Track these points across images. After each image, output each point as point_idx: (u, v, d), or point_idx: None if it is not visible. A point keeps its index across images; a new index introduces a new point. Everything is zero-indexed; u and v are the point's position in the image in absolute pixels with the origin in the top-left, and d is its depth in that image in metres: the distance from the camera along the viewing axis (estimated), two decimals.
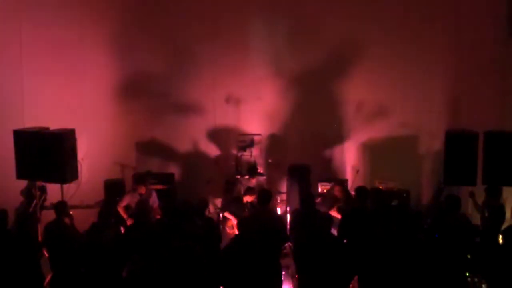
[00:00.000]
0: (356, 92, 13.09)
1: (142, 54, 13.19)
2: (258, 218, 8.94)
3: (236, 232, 8.60)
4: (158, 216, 10.48)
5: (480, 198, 10.30)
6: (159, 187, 11.82)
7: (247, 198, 10.90)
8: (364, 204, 9.51)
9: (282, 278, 8.92)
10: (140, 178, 11.14)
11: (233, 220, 10.60)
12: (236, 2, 13.13)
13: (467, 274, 8.53)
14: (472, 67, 12.68)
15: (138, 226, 8.91)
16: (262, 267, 7.69)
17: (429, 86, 12.97)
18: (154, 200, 11.14)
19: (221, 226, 10.69)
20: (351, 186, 12.02)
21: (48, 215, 10.43)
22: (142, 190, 10.88)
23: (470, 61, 12.70)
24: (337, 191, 11.11)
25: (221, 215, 11.05)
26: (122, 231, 9.69)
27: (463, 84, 12.86)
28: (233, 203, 10.95)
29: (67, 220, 9.15)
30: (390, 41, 12.84)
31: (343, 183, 11.88)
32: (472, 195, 10.29)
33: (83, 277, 7.67)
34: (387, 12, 12.85)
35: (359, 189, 9.81)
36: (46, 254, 8.84)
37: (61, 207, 9.25)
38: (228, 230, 10.50)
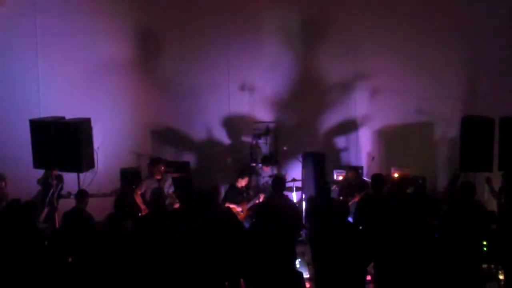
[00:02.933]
0: (371, 79, 13.04)
1: (156, 43, 13.20)
2: (273, 205, 8.91)
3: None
4: (175, 204, 10.52)
5: (497, 184, 10.25)
6: (174, 175, 11.80)
7: (240, 183, 10.92)
8: (380, 191, 9.49)
9: (298, 266, 8.99)
10: (155, 160, 11.14)
11: (236, 208, 10.65)
12: None
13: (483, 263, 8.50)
14: (487, 53, 12.65)
15: (153, 216, 8.92)
16: (278, 254, 7.69)
17: (444, 73, 12.91)
18: (169, 186, 11.14)
19: None
20: (366, 173, 12.01)
21: (65, 204, 10.58)
22: (159, 175, 10.89)
23: (485, 47, 12.67)
24: (351, 177, 11.12)
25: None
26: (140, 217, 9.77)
27: (478, 70, 12.87)
28: (229, 191, 11.01)
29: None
30: (405, 27, 12.82)
31: (356, 169, 11.87)
32: (488, 180, 10.25)
33: (100, 265, 7.68)
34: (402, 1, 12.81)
35: (375, 176, 9.79)
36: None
37: (80, 195, 9.32)
38: None
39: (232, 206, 10.70)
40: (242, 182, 11.10)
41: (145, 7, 13.07)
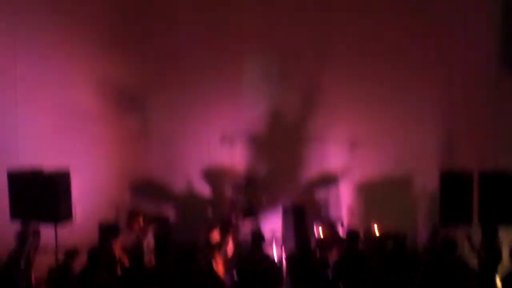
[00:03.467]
0: (350, 130, 13.05)
1: (135, 94, 13.22)
2: (251, 261, 8.87)
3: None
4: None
5: (478, 239, 10.25)
6: (153, 229, 11.61)
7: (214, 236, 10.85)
8: (356, 247, 9.46)
9: None
10: (134, 214, 11.05)
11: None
12: (231, 42, 13.14)
13: None
14: (465, 103, 12.71)
15: (133, 269, 8.82)
16: None
17: (422, 126, 12.94)
18: (150, 240, 10.98)
19: None
20: (346, 227, 11.95)
21: (41, 259, 10.39)
22: (137, 226, 10.78)
23: (463, 97, 12.72)
24: (325, 234, 11.09)
25: None
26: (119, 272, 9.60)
27: (456, 123, 12.88)
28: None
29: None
30: (382, 79, 12.89)
31: (331, 226, 11.80)
32: (469, 238, 10.23)
33: None
34: (378, 51, 12.86)
35: (350, 233, 9.79)
36: None
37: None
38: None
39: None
40: (215, 235, 10.97)
41: (123, 58, 13.06)
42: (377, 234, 11.30)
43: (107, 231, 11.58)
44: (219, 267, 10.70)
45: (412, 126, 12.97)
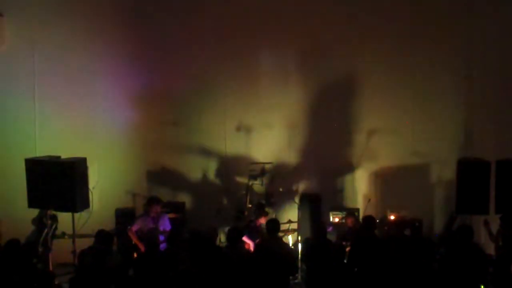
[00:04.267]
0: (367, 120, 13.07)
1: (153, 83, 13.21)
2: (267, 248, 8.87)
3: None
4: None
5: (495, 227, 10.19)
6: (170, 215, 11.70)
7: (261, 221, 10.85)
8: (372, 233, 9.45)
9: None
10: (152, 200, 11.11)
11: (250, 244, 10.55)
12: (247, 32, 13.11)
13: None
14: (484, 95, 12.68)
15: (148, 254, 8.87)
16: None
17: (440, 114, 12.92)
18: (166, 224, 11.06)
19: None
20: (362, 215, 11.91)
21: (59, 244, 10.47)
22: (154, 212, 10.84)
23: (481, 87, 12.71)
24: (349, 222, 11.13)
25: None
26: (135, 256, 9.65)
27: (474, 112, 12.83)
28: (247, 227, 10.94)
29: None
30: (400, 69, 12.86)
31: (354, 213, 11.81)
32: (486, 224, 10.17)
33: None
34: (397, 40, 12.82)
35: (366, 218, 9.78)
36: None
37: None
38: None
39: (247, 241, 10.62)
40: (262, 221, 10.99)
41: (143, 43, 13.09)
42: (393, 221, 11.25)
43: (124, 216, 11.77)
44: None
45: (430, 115, 12.94)
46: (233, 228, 9.44)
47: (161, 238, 10.25)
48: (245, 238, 10.56)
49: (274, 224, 9.40)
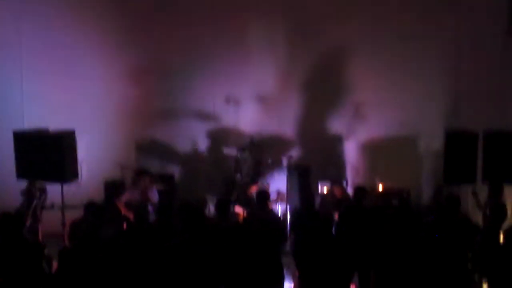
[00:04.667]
0: (356, 91, 13.10)
1: (141, 54, 13.15)
2: (257, 218, 8.88)
3: None
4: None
5: (482, 196, 10.24)
6: (159, 187, 11.61)
7: (251, 191, 10.85)
8: (361, 203, 9.47)
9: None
10: (141, 172, 11.08)
11: (243, 213, 10.58)
12: (236, 3, 13.09)
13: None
14: (472, 66, 12.67)
15: (138, 225, 8.84)
16: (264, 267, 7.63)
17: (428, 85, 12.95)
18: (154, 196, 11.01)
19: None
20: (351, 185, 11.97)
21: (48, 215, 10.45)
22: (143, 184, 10.81)
23: (469, 59, 12.70)
24: (336, 192, 11.12)
25: None
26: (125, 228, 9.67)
27: (462, 82, 12.86)
28: (237, 198, 10.96)
29: None
30: (388, 40, 12.85)
31: (342, 183, 11.83)
32: (475, 194, 10.21)
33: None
34: (385, 10, 12.84)
35: (357, 189, 9.80)
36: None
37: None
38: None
39: (239, 210, 10.63)
40: (252, 191, 10.99)
41: (130, 20, 13.04)
42: (381, 191, 11.30)
43: (112, 188, 11.74)
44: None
45: (417, 87, 12.98)
46: (222, 198, 9.41)
47: (150, 210, 10.21)
48: (237, 208, 10.59)
49: (263, 195, 9.37)
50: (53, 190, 10.70)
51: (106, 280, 7.45)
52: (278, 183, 12.63)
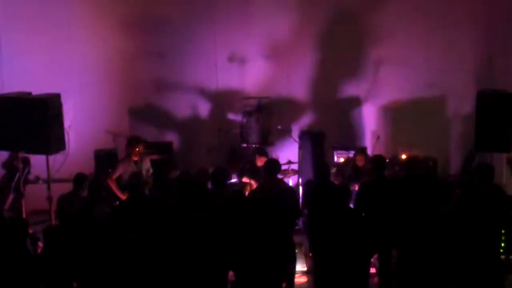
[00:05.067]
0: (377, 49, 13.03)
1: (135, 10, 13.10)
2: (266, 191, 8.86)
3: None
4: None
5: None
6: (156, 157, 11.75)
7: (260, 161, 10.85)
8: (381, 174, 9.46)
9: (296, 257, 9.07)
10: (134, 140, 11.05)
11: (253, 184, 10.56)
12: None
13: (502, 251, 8.48)
14: (506, 20, 12.60)
15: (132, 200, 8.86)
16: (273, 245, 7.65)
17: (458, 42, 12.88)
18: (149, 169, 11.10)
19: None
20: (371, 154, 11.93)
21: (32, 190, 10.49)
22: (136, 154, 10.84)
23: (503, 13, 12.63)
24: (359, 161, 11.17)
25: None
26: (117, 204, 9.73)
27: (496, 39, 12.78)
28: (242, 169, 10.95)
29: None
30: None
31: (365, 151, 11.82)
32: (509, 162, 10.19)
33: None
34: None
35: (375, 158, 9.76)
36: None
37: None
38: None
39: (248, 180, 10.61)
40: (260, 161, 11.02)
41: None
42: (405, 160, 11.26)
43: (104, 160, 11.76)
44: None
45: (446, 43, 12.92)
46: (219, 168, 9.34)
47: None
48: (245, 179, 10.55)
49: (273, 165, 9.34)
50: (38, 162, 10.76)
51: (96, 263, 7.43)
52: (289, 153, 12.63)
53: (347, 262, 7.43)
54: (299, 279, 9.74)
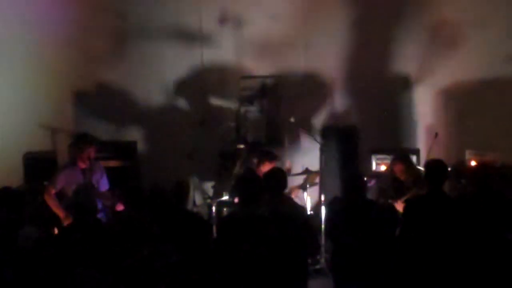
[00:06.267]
0: (433, 11, 13.14)
1: None
2: (271, 215, 8.73)
3: None
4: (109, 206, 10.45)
5: None
6: (113, 163, 11.83)
7: (264, 169, 10.75)
8: (439, 188, 9.34)
9: None
10: (82, 140, 10.99)
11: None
12: None
13: None
14: None
15: (80, 225, 8.80)
16: None
17: None
18: (103, 181, 11.06)
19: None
20: (426, 159, 11.87)
21: None
22: (85, 159, 10.76)
23: None
24: (397, 170, 11.05)
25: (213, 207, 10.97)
26: (56, 233, 9.67)
27: None
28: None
29: None
30: None
31: (407, 157, 11.65)
32: None
33: None
34: None
35: (430, 165, 9.55)
36: None
37: None
38: None
39: None
40: (265, 168, 10.93)
41: None
42: (474, 169, 11.19)
43: (37, 166, 11.65)
44: None
45: None
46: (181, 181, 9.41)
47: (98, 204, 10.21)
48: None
49: (277, 177, 9.21)
50: None
51: None
52: (305, 157, 12.62)
53: None
54: None
